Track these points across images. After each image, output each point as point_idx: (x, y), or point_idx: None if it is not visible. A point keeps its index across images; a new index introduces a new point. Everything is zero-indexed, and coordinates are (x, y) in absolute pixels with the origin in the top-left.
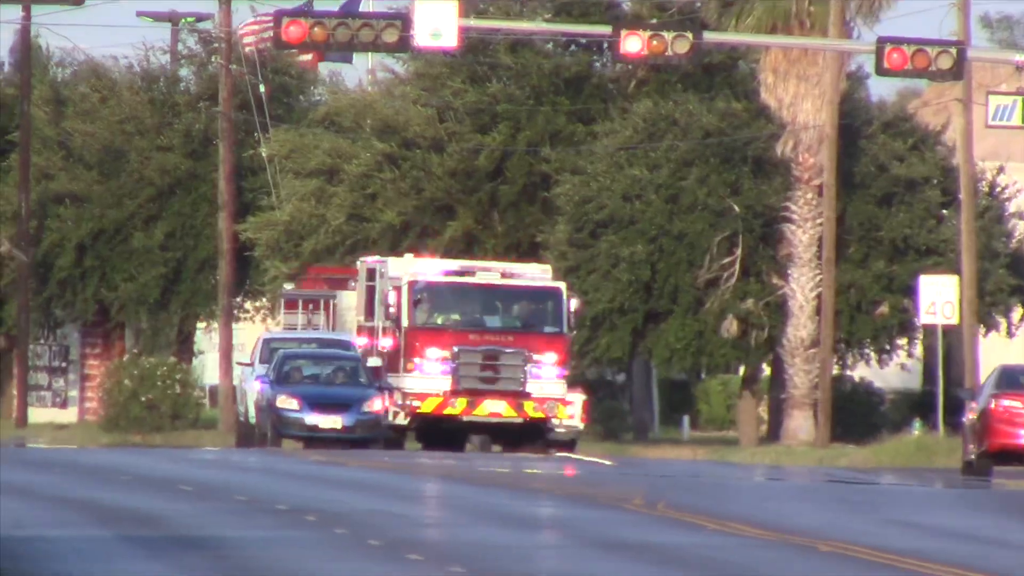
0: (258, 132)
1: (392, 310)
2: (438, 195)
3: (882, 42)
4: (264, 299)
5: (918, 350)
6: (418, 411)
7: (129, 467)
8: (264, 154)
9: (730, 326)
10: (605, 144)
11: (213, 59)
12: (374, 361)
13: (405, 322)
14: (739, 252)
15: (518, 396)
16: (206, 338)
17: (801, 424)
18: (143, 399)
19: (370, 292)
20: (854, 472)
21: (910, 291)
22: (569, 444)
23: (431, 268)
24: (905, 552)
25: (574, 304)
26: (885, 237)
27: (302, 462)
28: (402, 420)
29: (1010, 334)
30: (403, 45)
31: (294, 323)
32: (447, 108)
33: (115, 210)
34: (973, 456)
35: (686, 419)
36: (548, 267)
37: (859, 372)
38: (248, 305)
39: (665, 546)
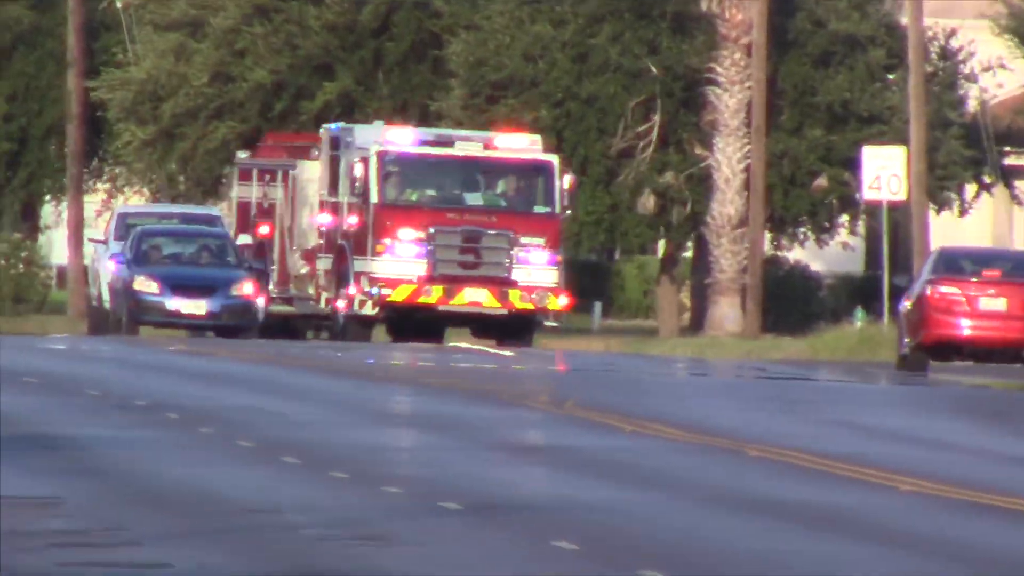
0: None
1: (359, 185)
2: (315, 52)
3: None
4: (119, 169)
5: (860, 229)
6: (388, 300)
7: None
8: (119, 3)
9: (647, 201)
10: None
11: None
12: (244, 239)
13: (374, 198)
14: (657, 119)
15: (502, 284)
16: (54, 212)
17: (728, 312)
18: None
19: (334, 163)
20: (787, 367)
21: (851, 163)
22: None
23: (403, 137)
24: (841, 456)
25: (568, 180)
26: (822, 102)
27: (163, 352)
28: (370, 310)
29: (963, 212)
30: None
31: (248, 196)
32: None
33: None
34: (908, 349)
35: (597, 306)
36: (538, 137)
37: (794, 254)
38: (102, 178)
39: (575, 449)
